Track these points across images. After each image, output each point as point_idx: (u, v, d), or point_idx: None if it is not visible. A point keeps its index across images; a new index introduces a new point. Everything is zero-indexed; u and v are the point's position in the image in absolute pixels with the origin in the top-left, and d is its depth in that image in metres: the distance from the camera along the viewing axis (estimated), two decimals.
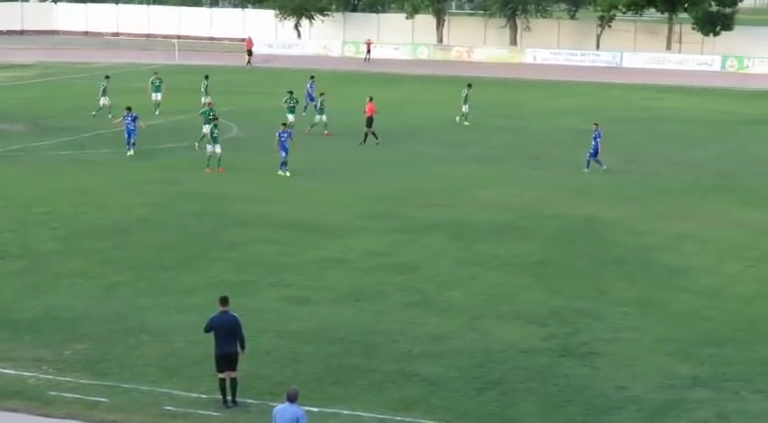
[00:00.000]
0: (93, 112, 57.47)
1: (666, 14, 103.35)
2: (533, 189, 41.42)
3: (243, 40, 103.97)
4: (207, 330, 20.36)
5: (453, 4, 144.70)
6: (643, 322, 25.58)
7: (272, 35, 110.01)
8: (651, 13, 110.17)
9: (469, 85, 60.47)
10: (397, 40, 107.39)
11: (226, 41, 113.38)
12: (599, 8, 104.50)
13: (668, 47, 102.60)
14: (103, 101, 57.84)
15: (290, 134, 42.79)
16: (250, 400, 20.42)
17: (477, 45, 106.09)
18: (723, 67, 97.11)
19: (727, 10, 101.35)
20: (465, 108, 59.03)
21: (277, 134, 42.63)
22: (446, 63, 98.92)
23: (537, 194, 40.38)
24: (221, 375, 20.18)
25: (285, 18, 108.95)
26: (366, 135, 50.85)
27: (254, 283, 27.94)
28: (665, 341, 24.28)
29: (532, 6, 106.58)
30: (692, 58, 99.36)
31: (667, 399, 21.02)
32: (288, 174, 42.26)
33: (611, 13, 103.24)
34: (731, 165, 48.11)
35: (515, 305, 26.63)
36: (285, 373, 21.78)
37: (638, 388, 21.51)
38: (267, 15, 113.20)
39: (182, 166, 44.48)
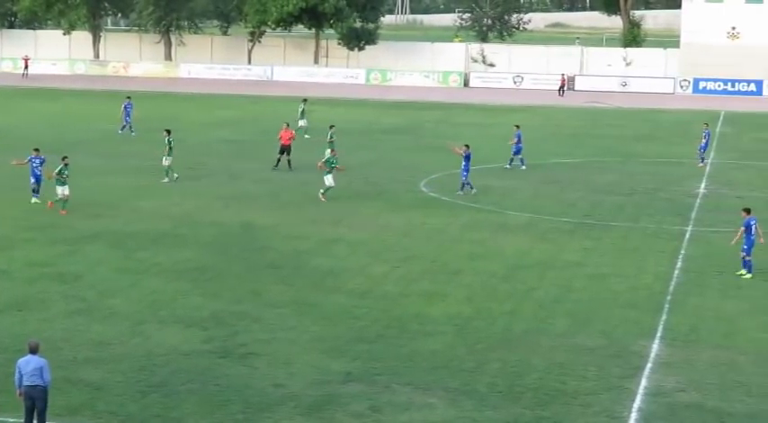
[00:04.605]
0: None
1: (314, 30, 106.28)
2: (191, 198, 41.89)
3: None
4: None
5: (109, 21, 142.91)
6: (298, 322, 26.45)
7: None
8: (300, 29, 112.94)
9: (305, 100, 61.82)
10: (55, 56, 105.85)
11: None
12: (249, 24, 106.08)
13: (316, 61, 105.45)
14: (301, 123, 59.98)
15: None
16: None
17: (134, 60, 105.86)
18: (368, 79, 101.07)
19: (371, 25, 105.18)
20: (302, 123, 60.11)
21: None
22: (103, 78, 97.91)
23: (195, 203, 40.94)
24: None
25: None
26: (278, 160, 49.36)
27: None
28: (319, 340, 25.19)
29: (185, 23, 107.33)
30: (338, 71, 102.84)
31: (323, 394, 21.82)
32: None
33: (262, 28, 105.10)
34: (377, 171, 49.98)
35: (176, 310, 27.09)
36: None
37: (295, 385, 22.23)
38: None
39: None
